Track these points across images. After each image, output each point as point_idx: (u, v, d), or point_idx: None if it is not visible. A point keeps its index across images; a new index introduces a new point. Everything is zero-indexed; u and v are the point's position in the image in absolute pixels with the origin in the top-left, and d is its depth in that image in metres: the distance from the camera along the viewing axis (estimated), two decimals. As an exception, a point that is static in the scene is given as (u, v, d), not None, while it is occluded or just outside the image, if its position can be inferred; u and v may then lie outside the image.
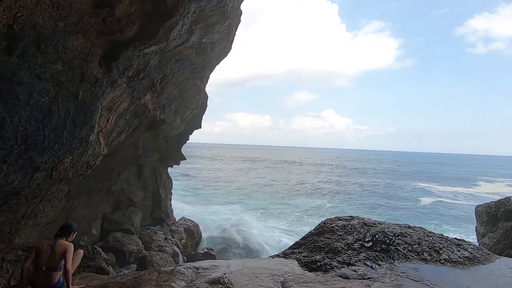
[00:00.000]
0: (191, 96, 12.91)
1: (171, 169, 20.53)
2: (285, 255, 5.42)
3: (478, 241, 10.63)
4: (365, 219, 5.82)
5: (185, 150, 20.20)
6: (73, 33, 4.98)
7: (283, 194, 39.04)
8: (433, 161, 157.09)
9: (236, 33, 10.43)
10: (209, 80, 14.16)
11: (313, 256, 4.95)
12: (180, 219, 18.81)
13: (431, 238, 5.21)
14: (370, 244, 4.93)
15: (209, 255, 14.97)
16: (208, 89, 14.92)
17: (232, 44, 10.88)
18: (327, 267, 4.56)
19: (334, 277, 4.25)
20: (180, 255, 14.57)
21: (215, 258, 14.18)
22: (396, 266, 4.46)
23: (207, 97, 15.32)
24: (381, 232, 5.17)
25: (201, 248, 16.68)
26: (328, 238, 5.31)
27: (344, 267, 4.50)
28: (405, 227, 5.58)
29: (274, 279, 4.26)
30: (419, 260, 4.65)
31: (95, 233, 13.13)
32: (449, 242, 5.17)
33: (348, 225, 5.55)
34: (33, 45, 4.45)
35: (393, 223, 5.78)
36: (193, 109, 14.52)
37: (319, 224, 5.92)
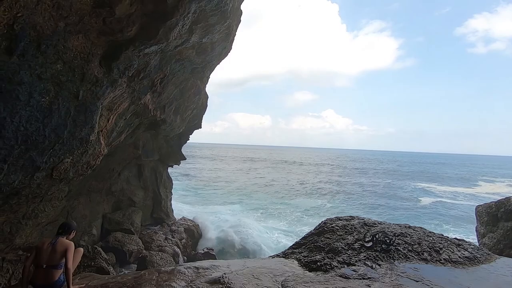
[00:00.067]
0: (191, 96, 12.92)
1: (171, 169, 20.54)
2: (285, 255, 5.42)
3: (478, 241, 10.62)
4: (365, 219, 5.82)
5: (186, 150, 20.19)
6: (74, 33, 4.99)
7: (283, 194, 39.03)
8: (433, 161, 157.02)
9: (236, 33, 10.44)
10: (210, 80, 14.19)
11: (313, 256, 4.95)
12: (180, 219, 18.85)
13: (431, 238, 5.21)
14: (370, 244, 4.93)
15: (209, 255, 14.98)
16: (208, 89, 14.94)
17: (232, 44, 10.89)
18: (327, 267, 4.56)
19: (334, 277, 4.25)
20: (180, 255, 14.58)
21: (215, 258, 14.18)
22: (396, 266, 4.45)
23: (207, 97, 15.33)
24: (381, 232, 5.17)
25: (199, 248, 16.66)
26: (328, 238, 5.31)
27: (344, 267, 4.49)
28: (405, 227, 5.58)
29: (274, 279, 4.25)
30: (419, 260, 4.64)
31: (95, 233, 13.14)
32: (449, 242, 5.17)
33: (348, 225, 5.55)
34: (34, 45, 4.47)
35: (393, 223, 5.77)
36: (193, 109, 14.53)
37: (319, 224, 5.92)
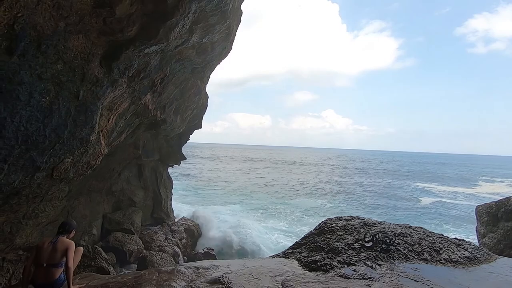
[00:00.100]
0: (192, 96, 12.92)
1: (171, 169, 20.54)
2: (285, 255, 5.43)
3: (478, 241, 10.62)
4: (365, 219, 5.82)
5: (186, 150, 20.19)
6: (74, 33, 4.99)
7: (283, 194, 39.01)
8: (433, 161, 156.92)
9: (236, 33, 10.44)
10: (210, 80, 14.18)
11: (313, 256, 4.95)
12: (180, 219, 18.85)
13: (431, 238, 5.21)
14: (370, 244, 4.93)
15: (210, 255, 14.98)
16: (208, 89, 14.94)
17: (232, 44, 10.89)
18: (328, 267, 4.56)
19: (334, 277, 4.25)
20: (180, 255, 14.58)
21: (215, 258, 14.18)
22: (396, 266, 4.46)
23: (208, 97, 15.33)
24: (381, 232, 5.17)
25: (198, 248, 16.63)
26: (328, 238, 5.31)
27: (344, 267, 4.50)
28: (405, 227, 5.58)
29: (274, 279, 4.25)
30: (419, 260, 4.64)
31: (95, 233, 13.15)
32: (449, 242, 5.17)
33: (348, 225, 5.55)
34: (34, 45, 4.47)
35: (393, 223, 5.77)
36: (194, 109, 14.53)
37: (319, 224, 5.92)
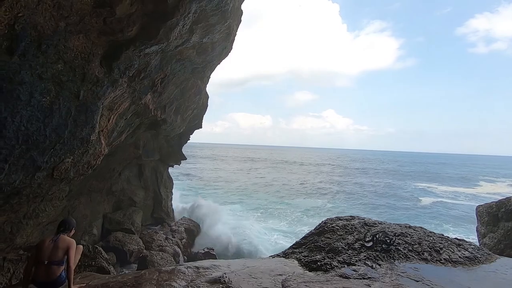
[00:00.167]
0: (192, 96, 12.93)
1: (172, 169, 20.55)
2: (285, 254, 5.43)
3: (478, 241, 10.61)
4: (366, 219, 5.81)
5: (186, 150, 20.18)
6: (74, 33, 5.00)
7: (284, 194, 39.00)
8: (434, 161, 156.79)
9: (237, 33, 10.44)
10: (210, 80, 14.19)
11: (313, 255, 4.95)
12: (180, 219, 18.86)
13: (432, 238, 5.21)
14: (370, 244, 4.93)
15: (210, 255, 14.97)
16: (209, 89, 14.95)
17: (233, 44, 10.90)
18: (328, 266, 4.56)
19: (334, 276, 4.25)
20: (180, 254, 14.58)
21: (215, 258, 14.17)
22: (396, 266, 4.45)
23: (208, 97, 15.33)
24: (382, 232, 5.17)
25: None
26: (328, 238, 5.31)
27: (344, 266, 4.50)
28: (406, 227, 5.58)
29: (274, 278, 4.26)
30: (420, 260, 4.64)
31: (96, 233, 13.16)
32: (449, 242, 5.17)
33: (348, 225, 5.55)
34: (34, 45, 4.48)
35: (394, 223, 5.77)
36: (194, 109, 14.54)
37: (320, 224, 5.92)
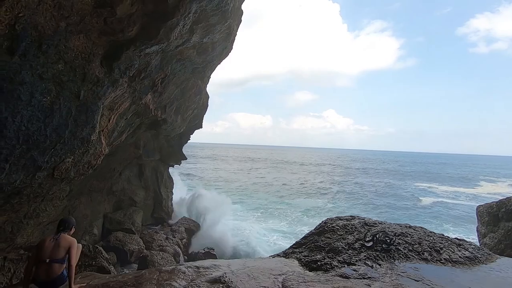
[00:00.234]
0: (192, 96, 12.93)
1: (172, 169, 20.56)
2: (285, 254, 5.43)
3: (479, 241, 10.60)
4: (366, 219, 5.82)
5: (187, 150, 20.18)
6: (75, 33, 5.00)
7: (284, 194, 38.99)
8: (434, 161, 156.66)
9: (237, 33, 10.45)
10: (210, 80, 14.19)
11: (313, 255, 4.96)
12: (181, 218, 18.86)
13: (432, 238, 5.21)
14: (370, 243, 4.93)
15: (210, 254, 14.98)
16: (209, 89, 14.95)
17: (233, 44, 10.91)
18: (328, 266, 4.56)
19: (334, 276, 4.25)
20: (181, 254, 14.60)
21: (216, 257, 14.17)
22: (396, 265, 4.45)
23: (208, 97, 15.34)
24: (382, 231, 5.17)
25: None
26: (328, 237, 5.31)
27: (344, 266, 4.50)
28: (406, 226, 5.58)
29: (274, 278, 4.26)
30: (420, 259, 4.64)
31: (96, 233, 13.18)
32: (449, 242, 5.17)
33: (348, 224, 5.55)
34: (35, 45, 4.48)
35: (394, 223, 5.77)
36: (194, 109, 14.55)
37: (320, 223, 5.92)
